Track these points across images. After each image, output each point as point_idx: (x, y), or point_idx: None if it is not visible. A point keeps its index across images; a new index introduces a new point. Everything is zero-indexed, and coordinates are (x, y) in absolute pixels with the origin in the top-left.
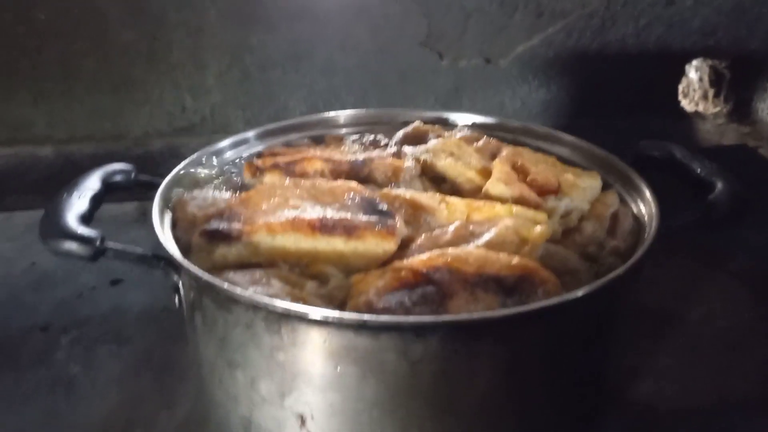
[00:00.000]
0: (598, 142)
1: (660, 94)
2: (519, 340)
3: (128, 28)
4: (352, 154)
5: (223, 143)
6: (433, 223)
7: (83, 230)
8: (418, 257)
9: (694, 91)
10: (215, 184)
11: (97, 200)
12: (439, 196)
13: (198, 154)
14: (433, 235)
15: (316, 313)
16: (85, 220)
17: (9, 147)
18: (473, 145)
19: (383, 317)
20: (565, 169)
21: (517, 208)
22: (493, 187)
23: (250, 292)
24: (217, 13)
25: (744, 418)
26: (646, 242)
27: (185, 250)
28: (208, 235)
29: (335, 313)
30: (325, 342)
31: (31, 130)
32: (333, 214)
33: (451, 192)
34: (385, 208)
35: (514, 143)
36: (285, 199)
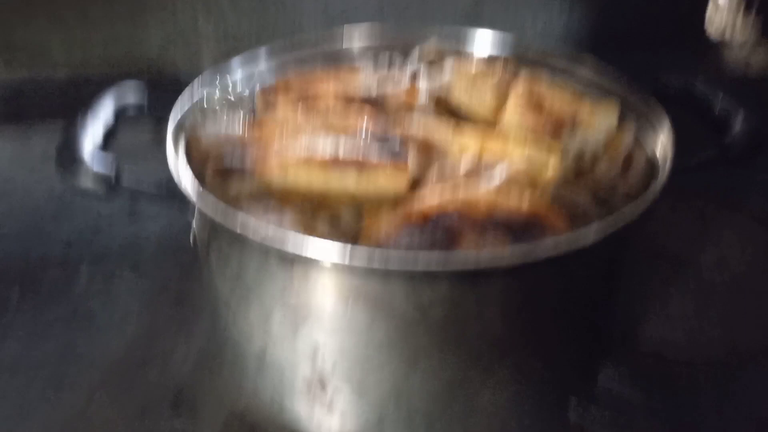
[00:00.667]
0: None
1: (686, 24)
2: (527, 284)
3: None
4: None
5: (234, 61)
6: (445, 160)
7: (98, 167)
8: (429, 201)
9: (721, 19)
10: (227, 110)
11: (110, 130)
12: (450, 126)
13: (207, 73)
14: (444, 171)
15: (328, 252)
16: (101, 153)
17: (26, 70)
18: (489, 80)
19: (393, 254)
20: (582, 99)
21: (530, 148)
22: (508, 118)
23: (263, 232)
24: None
25: (756, 370)
26: (658, 184)
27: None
28: (221, 173)
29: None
30: (335, 284)
31: (48, 55)
32: (344, 151)
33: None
34: (398, 147)
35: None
36: (296, 135)
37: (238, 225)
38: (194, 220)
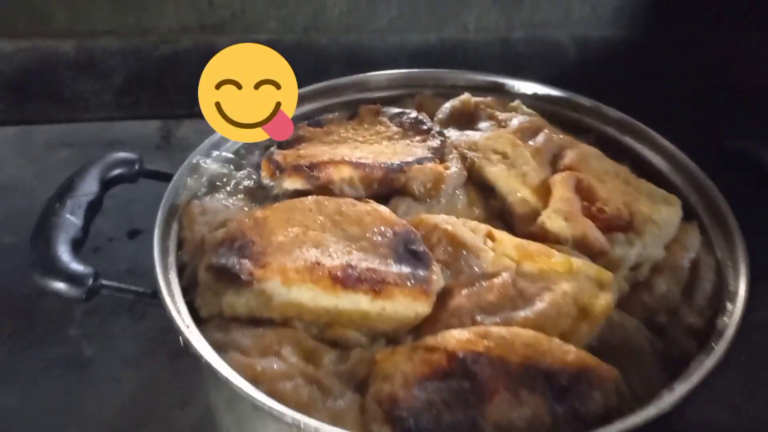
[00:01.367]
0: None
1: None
2: None
3: None
4: (386, 150)
5: None
6: (476, 267)
7: (75, 266)
8: (454, 335)
9: None
10: (229, 183)
11: (93, 208)
12: (484, 230)
13: (209, 140)
14: (474, 290)
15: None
16: (79, 245)
17: (28, 39)
18: (531, 141)
19: None
20: (639, 189)
21: (578, 263)
22: (551, 221)
23: (255, 396)
24: None
25: None
26: (725, 341)
27: (190, 282)
28: (215, 271)
29: None
30: None
31: (51, 22)
32: (358, 260)
33: (500, 212)
34: (421, 248)
35: (578, 125)
36: (305, 228)
37: (230, 383)
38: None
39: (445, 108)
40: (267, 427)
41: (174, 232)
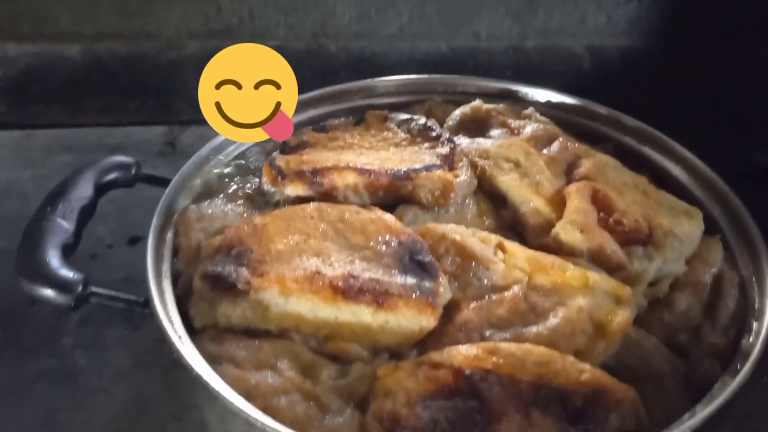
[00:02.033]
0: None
1: None
2: None
3: None
4: (393, 157)
5: None
6: (486, 279)
7: (64, 272)
8: (461, 351)
9: None
10: (228, 189)
11: (87, 213)
12: (495, 241)
13: (209, 145)
14: (483, 304)
15: None
16: (70, 250)
17: (33, 44)
18: (544, 149)
19: None
20: (659, 201)
21: (595, 277)
22: (566, 233)
23: (248, 412)
24: None
25: None
26: (751, 362)
27: (185, 291)
28: (211, 280)
29: None
30: None
31: (56, 25)
32: (361, 269)
33: (513, 222)
34: (428, 259)
35: (594, 134)
36: (306, 236)
37: (222, 397)
38: None
39: (456, 115)
40: None
41: (170, 239)
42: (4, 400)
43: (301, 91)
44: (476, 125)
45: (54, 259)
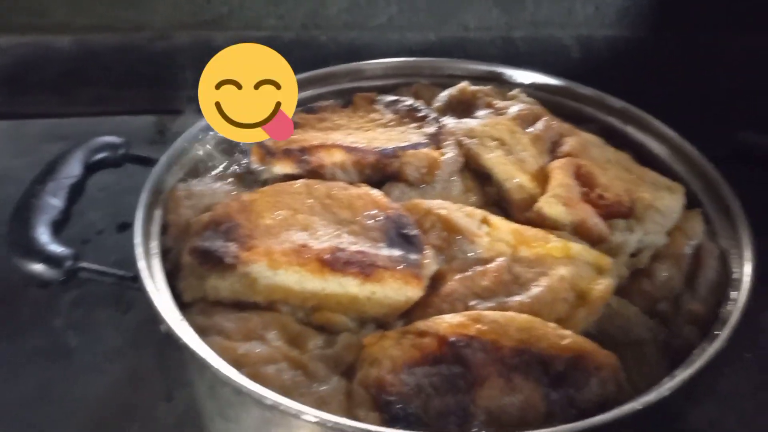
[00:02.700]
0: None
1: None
2: None
3: None
4: (381, 137)
5: None
6: (471, 252)
7: (54, 247)
8: (446, 319)
9: None
10: (217, 168)
11: (76, 191)
12: (480, 215)
13: (198, 124)
14: (468, 275)
15: (309, 414)
16: (59, 227)
17: (25, 35)
18: (529, 128)
19: None
20: (641, 177)
21: (576, 248)
22: (549, 206)
23: (235, 379)
24: None
25: None
26: (729, 328)
27: (174, 266)
28: (199, 254)
29: (330, 418)
30: None
31: (49, 17)
32: (348, 243)
33: (497, 198)
34: (413, 232)
35: (579, 115)
36: (293, 212)
37: (210, 365)
38: None
39: (443, 96)
40: (250, 414)
41: (158, 217)
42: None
43: None
44: (463, 106)
45: (44, 235)
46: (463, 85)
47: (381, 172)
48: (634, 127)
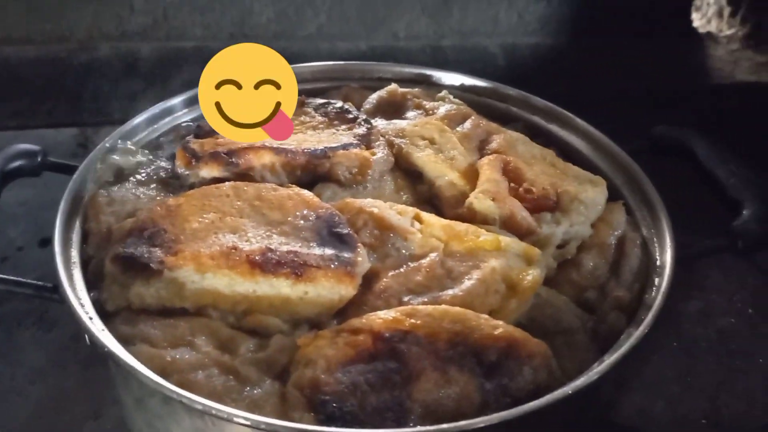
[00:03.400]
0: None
1: (672, 12)
2: None
3: None
4: (311, 138)
5: (155, 109)
6: (404, 249)
7: None
8: (380, 316)
9: (708, 5)
10: (140, 173)
11: None
12: (412, 212)
13: (119, 131)
14: (402, 272)
15: (241, 417)
16: None
17: None
18: (458, 128)
19: None
20: (566, 172)
21: (506, 240)
22: (479, 202)
23: (163, 385)
24: None
25: None
26: (653, 312)
27: (96, 276)
28: (122, 261)
29: (262, 420)
30: None
31: None
32: (279, 244)
33: (429, 196)
34: (346, 231)
35: (505, 115)
36: (222, 215)
37: (136, 373)
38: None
39: (372, 99)
40: (181, 424)
41: (78, 225)
42: None
43: None
44: (392, 108)
45: None
46: (393, 87)
47: (312, 174)
48: (558, 125)
